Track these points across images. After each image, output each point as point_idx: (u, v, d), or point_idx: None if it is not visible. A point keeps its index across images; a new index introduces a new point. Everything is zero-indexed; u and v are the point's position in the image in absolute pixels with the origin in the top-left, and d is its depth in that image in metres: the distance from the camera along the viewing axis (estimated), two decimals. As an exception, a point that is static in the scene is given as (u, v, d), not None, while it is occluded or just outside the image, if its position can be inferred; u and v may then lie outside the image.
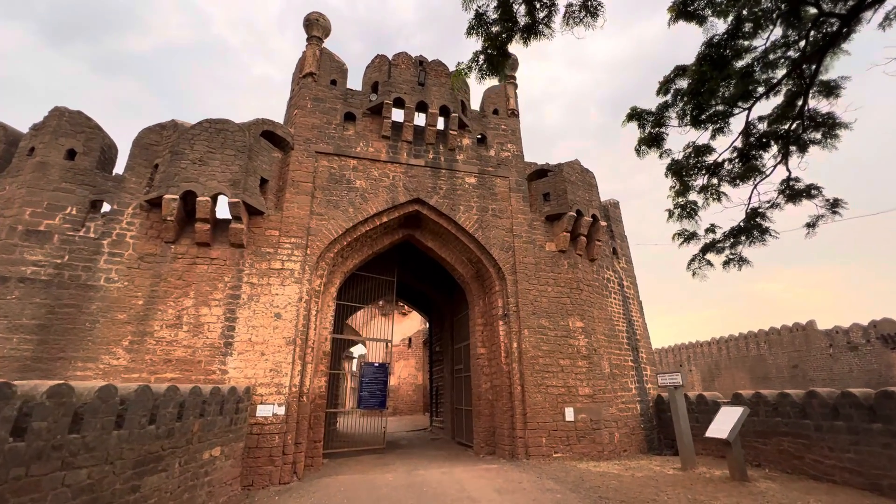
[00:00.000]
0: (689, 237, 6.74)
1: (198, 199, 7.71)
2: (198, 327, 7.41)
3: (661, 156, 6.20)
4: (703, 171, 6.29)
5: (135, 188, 8.09)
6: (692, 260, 6.87)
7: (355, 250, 9.61)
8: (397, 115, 10.05)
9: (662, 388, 8.17)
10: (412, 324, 26.33)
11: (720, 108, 5.63)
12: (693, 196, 6.76)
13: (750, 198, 6.09)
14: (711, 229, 6.58)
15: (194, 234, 7.84)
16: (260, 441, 7.06)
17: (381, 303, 26.24)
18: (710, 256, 6.70)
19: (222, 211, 8.27)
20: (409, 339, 25.33)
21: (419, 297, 15.40)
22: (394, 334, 26.79)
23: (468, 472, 7.52)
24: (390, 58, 10.39)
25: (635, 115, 5.92)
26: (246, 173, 8.14)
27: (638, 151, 6.22)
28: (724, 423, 6.72)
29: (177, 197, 7.62)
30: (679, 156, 6.30)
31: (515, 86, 11.69)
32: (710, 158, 6.18)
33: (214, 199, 7.98)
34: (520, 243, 9.88)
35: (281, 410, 7.30)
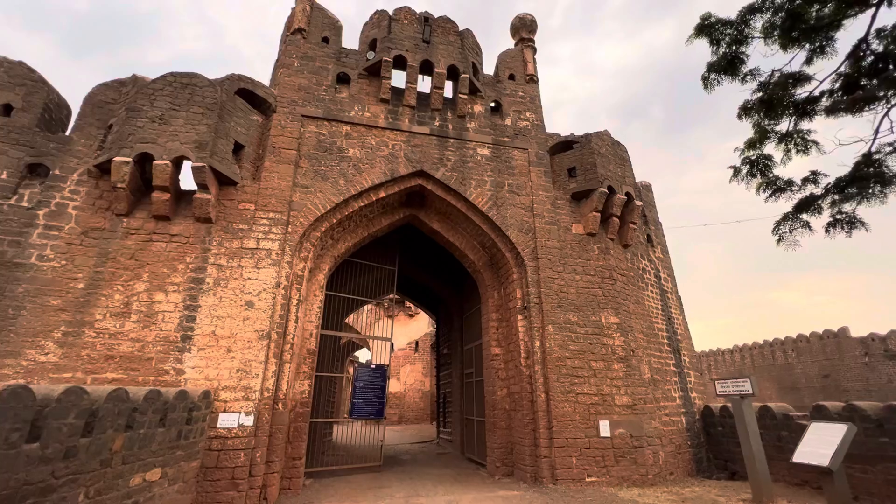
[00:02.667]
0: (780, 188, 5.16)
1: (154, 162, 6.39)
2: (150, 317, 6.05)
3: (743, 80, 4.67)
4: (791, 111, 4.75)
5: (84, 152, 6.80)
6: (782, 220, 5.30)
7: (348, 231, 8.20)
8: (398, 78, 8.69)
9: (722, 397, 6.60)
10: (419, 326, 24.84)
11: (824, 14, 4.11)
12: (770, 149, 5.21)
13: (877, 130, 4.47)
14: (812, 179, 5.00)
15: (151, 205, 6.50)
16: (221, 459, 5.63)
17: (386, 303, 24.86)
18: (807, 216, 5.10)
19: (189, 182, 6.94)
20: (416, 343, 23.83)
21: (424, 292, 13.94)
22: (401, 338, 25.33)
23: (481, 502, 5.99)
24: (391, 12, 9.04)
25: (707, 27, 4.43)
26: (215, 134, 6.80)
27: (706, 81, 4.72)
28: (819, 445, 5.12)
29: (129, 160, 6.31)
30: (759, 90, 4.75)
31: (534, 49, 10.26)
32: (804, 91, 4.65)
33: (178, 164, 6.66)
34: (541, 224, 8.39)
35: (249, 420, 5.87)
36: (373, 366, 8.54)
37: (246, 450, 5.75)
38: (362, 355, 30.83)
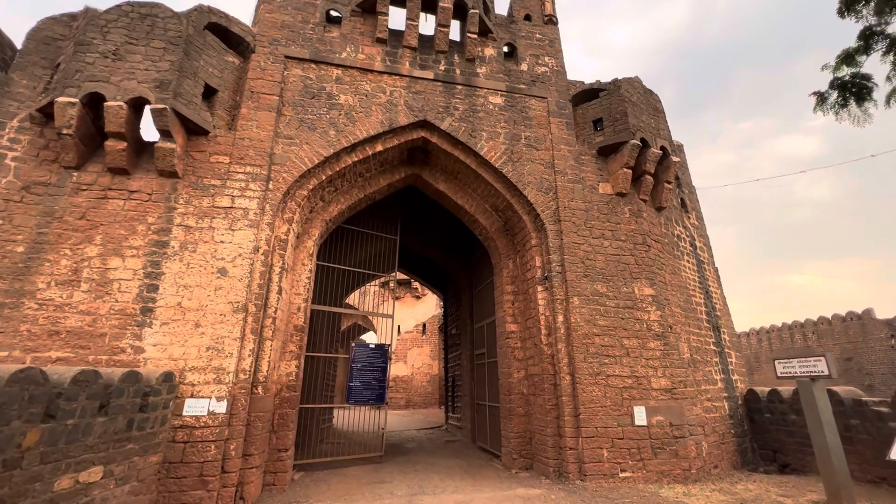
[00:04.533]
0: None
1: (106, 104, 5.36)
2: (103, 286, 5.10)
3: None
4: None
5: (26, 94, 5.80)
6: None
7: (341, 192, 7.15)
8: (397, 19, 7.51)
9: (785, 378, 5.54)
10: (427, 308, 23.96)
11: None
12: (872, 64, 4.00)
13: None
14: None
15: (106, 157, 5.50)
16: (187, 453, 4.72)
17: (392, 284, 23.98)
18: None
19: (154, 133, 5.91)
20: (424, 325, 22.97)
21: (430, 268, 12.92)
22: (408, 320, 24.46)
23: (497, 502, 5.04)
24: (388, -60, 7.79)
25: None
26: (180, 73, 5.74)
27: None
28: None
29: (75, 100, 5.28)
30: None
31: (553, -13, 8.96)
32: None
33: (137, 108, 5.64)
34: (564, 182, 7.26)
35: (221, 407, 4.94)
36: (372, 345, 7.58)
37: (217, 441, 4.83)
38: (370, 339, 30.14)
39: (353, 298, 22.30)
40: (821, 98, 4.29)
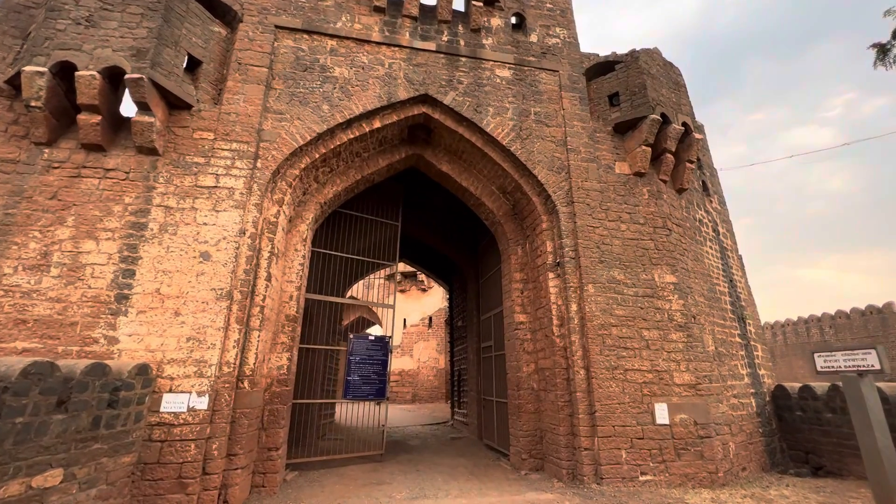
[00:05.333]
0: None
1: (78, 73, 4.92)
2: (75, 271, 4.68)
3: None
4: None
5: (-6, 66, 5.38)
6: None
7: (337, 173, 6.67)
8: (398, -14, 6.97)
9: (826, 374, 4.97)
10: (433, 301, 23.51)
11: None
12: None
13: None
14: None
15: (80, 131, 5.07)
16: (164, 453, 4.30)
17: (398, 278, 23.58)
18: None
19: (133, 108, 5.46)
20: (430, 319, 22.54)
21: (435, 259, 12.43)
22: (413, 314, 24.04)
23: (506, 509, 4.58)
24: None
25: None
26: (159, 41, 5.28)
27: None
28: None
29: (44, 69, 4.86)
30: None
31: (564, -46, 8.34)
32: None
33: (114, 80, 5.21)
34: (577, 161, 6.70)
35: (202, 402, 4.52)
36: (371, 337, 7.12)
37: (198, 440, 4.41)
38: (376, 333, 29.80)
39: (358, 291, 21.91)
40: (882, 50, 3.72)
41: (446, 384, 21.08)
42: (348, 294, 10.03)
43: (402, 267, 23.12)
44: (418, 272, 23.51)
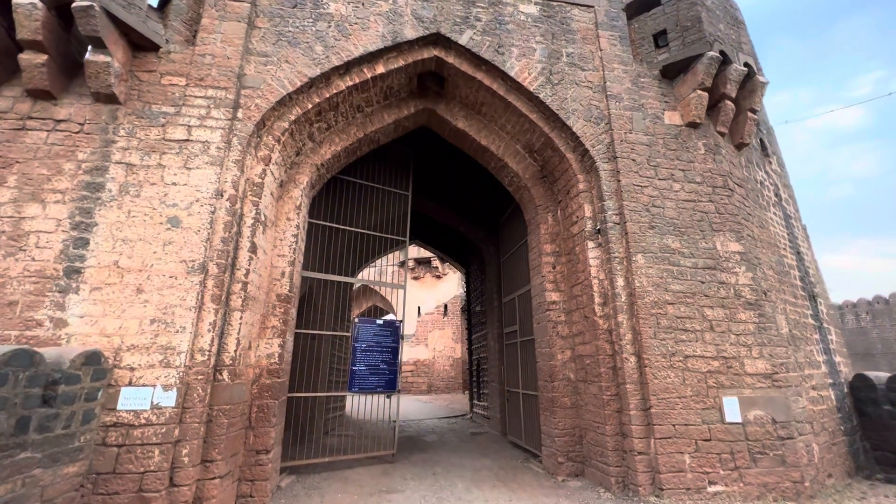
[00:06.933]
0: None
1: (15, 1, 4.05)
2: (17, 240, 3.86)
3: None
4: None
5: (-74, 1, 4.54)
6: None
7: (335, 130, 5.73)
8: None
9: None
10: (448, 288, 22.62)
11: None
12: None
13: None
14: None
15: (23, 75, 4.22)
16: (122, 461, 3.48)
17: (412, 264, 22.73)
18: None
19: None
20: (445, 306, 21.67)
21: (449, 238, 11.47)
22: (428, 301, 23.16)
23: (547, 530, 3.64)
24: None
25: None
26: (115, -35, 4.37)
27: None
28: None
29: (-25, -2, 3.99)
30: None
31: None
32: None
33: (63, 14, 4.32)
34: (619, 110, 5.62)
35: (169, 398, 3.67)
36: (379, 321, 6.21)
37: (163, 444, 3.57)
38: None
39: (369, 277, 21.12)
40: None
41: (463, 374, 20.26)
42: (358, 277, 9.20)
43: (415, 253, 22.25)
44: (432, 259, 22.63)
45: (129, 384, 3.66)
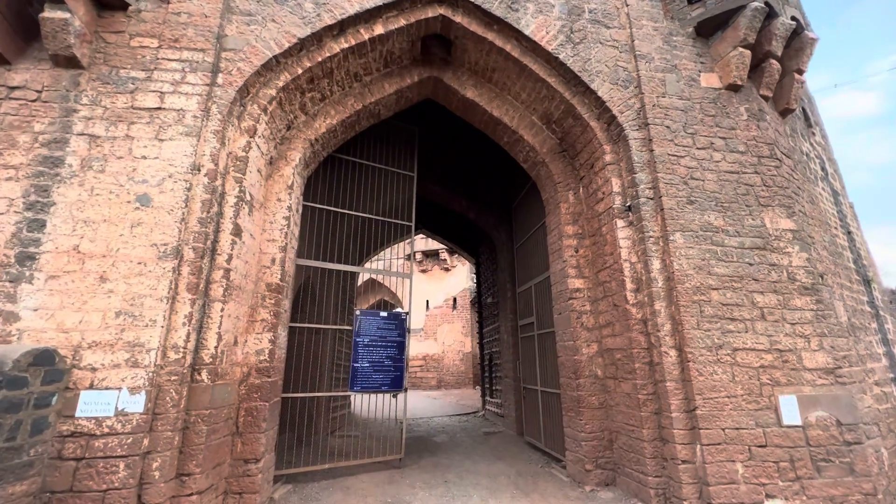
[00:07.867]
0: None
1: (-43, -52, 3.52)
2: (-37, 223, 3.35)
3: None
4: None
5: None
6: None
7: (330, 101, 5.15)
8: None
9: None
10: (457, 281, 22.06)
11: None
12: None
13: None
14: None
15: (-27, 36, 3.69)
16: (81, 476, 2.97)
17: (419, 257, 22.19)
18: None
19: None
20: (454, 300, 21.12)
21: (458, 226, 10.87)
22: (436, 295, 22.62)
23: (581, 557, 3.06)
24: None
25: None
26: None
27: None
28: None
29: (-89, -55, 3.46)
30: None
31: None
32: None
33: (16, -33, 3.78)
34: (650, 71, 4.96)
35: (136, 403, 3.15)
36: (383, 313, 5.66)
37: (130, 457, 3.05)
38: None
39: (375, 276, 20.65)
40: None
41: (474, 369, 19.73)
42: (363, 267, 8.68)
43: (422, 245, 21.71)
44: (440, 251, 22.07)
45: (91, 387, 3.14)
